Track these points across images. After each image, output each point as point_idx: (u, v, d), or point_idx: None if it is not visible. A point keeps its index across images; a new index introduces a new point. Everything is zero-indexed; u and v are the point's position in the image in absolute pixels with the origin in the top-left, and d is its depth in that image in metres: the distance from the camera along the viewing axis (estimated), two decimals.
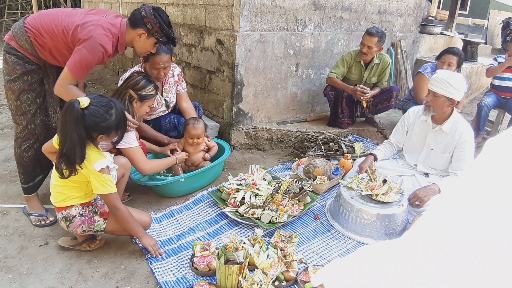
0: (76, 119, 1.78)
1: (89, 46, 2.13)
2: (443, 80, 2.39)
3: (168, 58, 2.80)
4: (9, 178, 2.96)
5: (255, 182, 2.66)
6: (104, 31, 2.19)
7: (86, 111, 1.82)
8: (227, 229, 2.43)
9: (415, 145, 2.76)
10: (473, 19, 15.59)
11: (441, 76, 2.42)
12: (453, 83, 2.37)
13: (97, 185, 1.90)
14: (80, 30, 2.15)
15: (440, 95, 2.42)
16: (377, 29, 3.64)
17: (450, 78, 2.38)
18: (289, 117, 4.09)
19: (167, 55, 2.78)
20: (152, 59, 2.74)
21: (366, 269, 0.68)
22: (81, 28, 2.15)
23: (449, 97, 2.41)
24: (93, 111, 1.83)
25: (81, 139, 1.81)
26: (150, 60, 2.75)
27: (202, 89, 4.04)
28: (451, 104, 2.46)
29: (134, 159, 2.42)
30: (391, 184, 2.46)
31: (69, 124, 1.78)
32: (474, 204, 0.54)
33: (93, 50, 2.15)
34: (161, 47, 2.63)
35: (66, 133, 1.80)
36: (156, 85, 2.59)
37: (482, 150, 0.59)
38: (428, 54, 5.74)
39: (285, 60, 3.79)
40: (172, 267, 2.07)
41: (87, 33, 2.13)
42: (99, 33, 2.16)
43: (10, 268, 2.02)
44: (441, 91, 2.41)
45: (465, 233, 0.54)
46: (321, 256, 2.22)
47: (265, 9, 3.53)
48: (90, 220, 2.03)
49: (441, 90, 2.40)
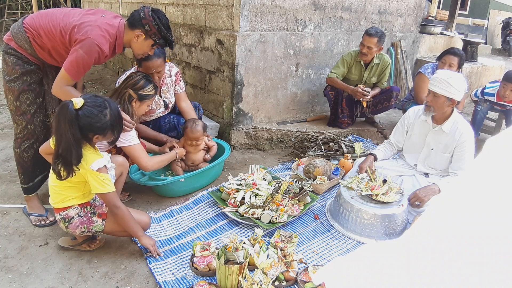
0: (70, 120, 1.76)
1: (85, 47, 2.13)
2: (443, 80, 2.39)
3: (161, 62, 2.78)
4: (9, 178, 2.96)
5: (255, 182, 2.66)
6: (101, 31, 2.18)
7: (80, 111, 1.80)
8: (227, 229, 2.43)
9: (415, 145, 2.76)
10: (473, 19, 15.59)
11: (441, 76, 2.42)
12: (453, 83, 2.36)
13: (96, 185, 1.89)
14: (77, 30, 2.14)
15: (440, 95, 2.42)
16: (377, 30, 3.64)
17: (450, 78, 2.38)
18: (289, 117, 4.09)
19: (159, 59, 2.74)
20: (144, 64, 2.71)
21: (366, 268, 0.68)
22: (78, 28, 2.15)
23: (449, 97, 2.41)
24: (87, 112, 1.82)
25: (76, 140, 1.80)
26: (143, 65, 2.73)
27: (202, 89, 4.04)
28: (451, 104, 2.46)
29: (136, 157, 2.43)
30: (391, 184, 2.46)
31: (63, 125, 1.77)
32: (474, 204, 0.54)
33: (90, 50, 2.14)
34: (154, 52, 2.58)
35: (61, 134, 1.79)
36: (155, 85, 2.59)
37: (482, 149, 0.59)
38: (428, 54, 5.74)
39: (285, 60, 3.79)
40: (171, 267, 2.07)
41: (84, 34, 2.13)
42: (96, 33, 2.15)
43: (10, 268, 2.02)
44: (441, 91, 2.41)
45: (465, 232, 0.54)
46: (321, 256, 2.22)
47: (265, 9, 3.53)
48: (89, 221, 2.03)
49: (441, 90, 2.40)
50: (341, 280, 0.71)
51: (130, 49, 2.42)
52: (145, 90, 2.50)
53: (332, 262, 0.77)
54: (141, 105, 2.53)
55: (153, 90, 2.54)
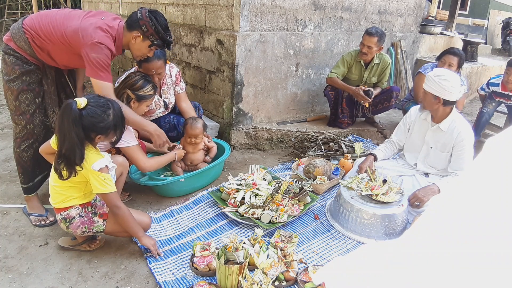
0: (74, 119, 1.77)
1: (95, 50, 2.16)
2: (432, 78, 2.45)
3: (162, 63, 2.77)
4: (9, 178, 2.96)
5: (255, 182, 2.66)
6: (103, 32, 2.20)
7: (84, 111, 1.81)
8: (227, 229, 2.43)
9: (415, 143, 2.76)
10: (473, 19, 15.60)
11: (433, 74, 2.48)
12: (441, 82, 2.40)
13: (97, 185, 1.90)
14: (82, 35, 2.16)
15: (428, 92, 2.48)
16: (377, 29, 3.64)
17: (439, 77, 2.43)
18: (289, 117, 4.09)
19: (160, 61, 2.75)
20: (144, 66, 2.71)
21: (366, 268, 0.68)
22: (82, 33, 2.16)
23: (435, 94, 2.44)
24: (90, 112, 1.82)
25: (80, 140, 1.80)
26: (143, 66, 2.73)
27: (202, 89, 4.04)
28: (438, 102, 2.47)
29: (134, 158, 2.43)
30: (391, 184, 2.46)
31: (67, 124, 1.77)
32: (474, 204, 0.54)
33: (100, 51, 2.17)
34: (154, 53, 2.59)
35: (65, 134, 1.79)
36: (154, 85, 2.58)
37: (482, 149, 0.59)
38: (428, 54, 5.74)
39: (285, 60, 3.79)
40: (171, 267, 2.07)
41: (89, 38, 2.15)
42: (99, 35, 2.17)
43: (10, 268, 2.02)
44: (428, 89, 2.48)
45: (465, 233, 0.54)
46: (321, 256, 2.22)
47: (265, 9, 3.53)
48: (90, 221, 2.03)
49: (428, 87, 2.48)
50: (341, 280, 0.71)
51: (129, 51, 2.42)
52: (144, 91, 2.49)
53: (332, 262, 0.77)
54: (140, 105, 2.52)
55: (151, 90, 2.53)
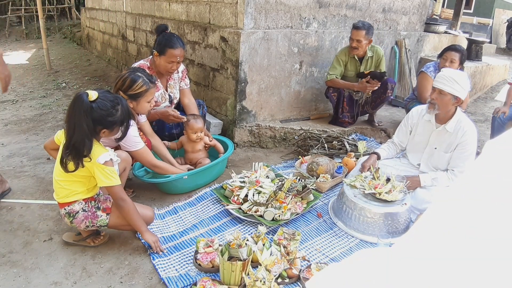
0: (86, 111, 1.81)
1: None
2: (449, 77, 2.39)
3: (184, 52, 2.89)
4: (14, 173, 2.97)
5: (259, 179, 2.66)
6: None
7: (94, 104, 1.84)
8: (230, 226, 2.43)
9: (419, 144, 2.75)
10: (478, 18, 15.53)
11: (447, 73, 2.42)
12: (459, 80, 2.37)
13: (102, 178, 1.91)
14: None
15: (446, 92, 2.41)
16: (363, 22, 3.68)
17: (456, 76, 2.39)
18: (293, 115, 4.09)
19: (183, 50, 2.87)
20: (170, 52, 2.79)
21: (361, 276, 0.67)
22: None
23: (455, 95, 2.40)
24: (101, 105, 1.86)
25: (90, 131, 1.84)
26: (167, 53, 2.78)
27: (206, 86, 4.04)
28: (456, 102, 2.45)
29: (144, 159, 2.49)
30: (394, 182, 2.46)
31: (78, 115, 1.81)
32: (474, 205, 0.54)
33: None
34: (178, 42, 2.76)
35: (75, 125, 1.82)
36: (148, 78, 2.42)
37: (482, 151, 0.59)
38: (432, 53, 5.71)
39: (289, 58, 3.78)
40: (175, 263, 2.08)
41: None
42: None
43: (14, 263, 2.04)
44: (448, 89, 2.40)
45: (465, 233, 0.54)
46: (323, 254, 2.22)
47: (269, 6, 3.52)
48: (93, 215, 2.04)
49: (447, 87, 2.40)
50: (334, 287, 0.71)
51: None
52: (134, 89, 2.35)
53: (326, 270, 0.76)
54: (138, 103, 2.41)
55: (143, 85, 2.37)
